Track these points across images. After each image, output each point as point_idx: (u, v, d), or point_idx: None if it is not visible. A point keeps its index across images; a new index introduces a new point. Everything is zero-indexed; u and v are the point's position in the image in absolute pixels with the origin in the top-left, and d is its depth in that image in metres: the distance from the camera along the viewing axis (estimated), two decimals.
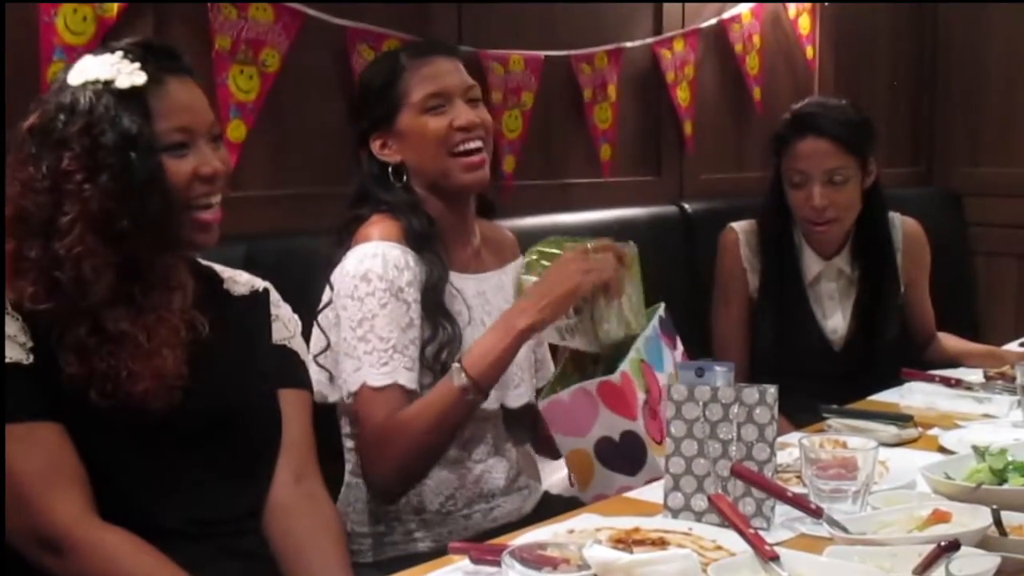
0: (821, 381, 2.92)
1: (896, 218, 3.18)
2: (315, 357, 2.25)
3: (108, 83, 1.77)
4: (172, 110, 1.81)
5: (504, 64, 3.24)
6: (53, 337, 1.73)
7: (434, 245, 2.29)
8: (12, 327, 1.73)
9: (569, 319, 2.22)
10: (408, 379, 2.17)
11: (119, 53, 1.80)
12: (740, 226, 3.14)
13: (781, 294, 3.07)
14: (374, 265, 2.19)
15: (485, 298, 2.37)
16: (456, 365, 2.13)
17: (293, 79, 2.82)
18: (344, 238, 2.30)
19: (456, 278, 2.32)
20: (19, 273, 1.73)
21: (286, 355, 2.04)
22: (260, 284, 2.05)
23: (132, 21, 2.48)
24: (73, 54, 2.35)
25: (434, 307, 2.25)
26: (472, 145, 2.32)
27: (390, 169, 2.34)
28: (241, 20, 2.68)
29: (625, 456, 2.15)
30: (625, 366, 2.14)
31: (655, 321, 2.27)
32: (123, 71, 1.78)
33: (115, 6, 2.43)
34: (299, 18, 2.78)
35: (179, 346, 1.80)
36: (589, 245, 2.23)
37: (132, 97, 1.78)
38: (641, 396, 2.15)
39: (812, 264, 3.08)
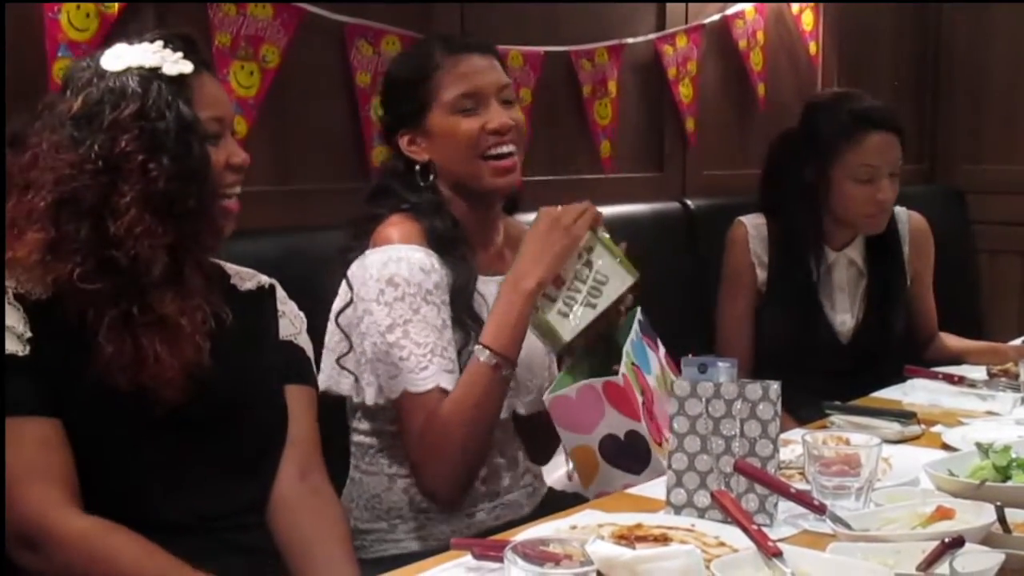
0: (827, 376, 2.93)
1: (902, 212, 3.18)
2: (338, 360, 2.24)
3: (154, 70, 1.80)
4: (209, 100, 1.86)
5: (504, 59, 3.22)
6: (76, 322, 1.74)
7: (459, 247, 2.25)
8: (12, 317, 1.73)
9: (569, 288, 2.18)
10: (449, 381, 2.14)
11: (159, 42, 1.83)
12: (749, 220, 3.14)
13: (792, 287, 3.06)
14: (400, 269, 2.15)
15: None
16: (477, 346, 2.13)
17: (293, 75, 2.81)
18: (360, 235, 2.25)
19: (479, 281, 2.27)
20: (59, 256, 1.73)
21: (292, 351, 2.04)
22: (266, 280, 2.05)
23: (134, 17, 2.48)
24: (77, 50, 2.37)
25: (463, 311, 2.22)
26: (504, 149, 2.27)
27: (417, 167, 2.29)
28: (240, 16, 2.68)
29: (630, 455, 2.14)
30: (623, 369, 2.13)
31: (636, 325, 2.26)
32: (168, 59, 1.81)
33: (116, 3, 2.43)
34: (298, 14, 2.77)
35: (208, 336, 1.81)
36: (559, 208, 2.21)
37: (180, 84, 1.81)
38: (639, 397, 2.15)
39: (824, 255, 3.09)
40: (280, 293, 2.06)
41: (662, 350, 2.34)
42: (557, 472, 2.57)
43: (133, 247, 1.73)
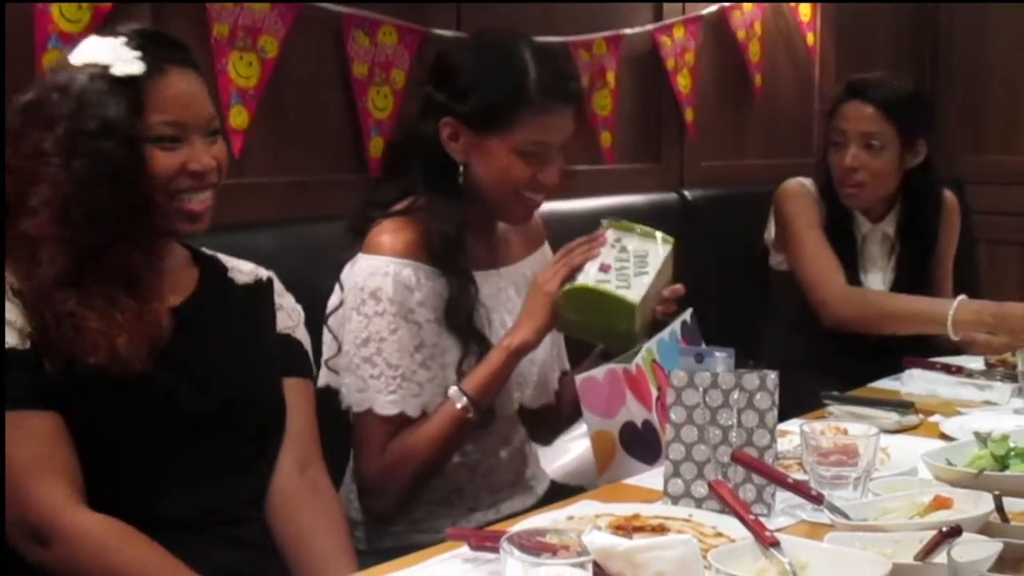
0: (855, 346, 3.04)
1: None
2: (326, 361, 2.23)
3: (105, 68, 1.76)
4: (167, 103, 1.80)
5: None
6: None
7: (456, 257, 2.20)
8: (11, 312, 1.73)
9: (617, 270, 2.19)
10: (414, 407, 2.16)
11: (122, 39, 1.79)
12: (805, 180, 3.23)
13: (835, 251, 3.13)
14: (384, 284, 2.13)
15: (506, 294, 2.32)
16: (455, 388, 2.15)
17: (290, 67, 2.80)
18: (358, 235, 2.22)
19: (479, 277, 2.26)
20: (8, 251, 1.74)
21: (290, 344, 2.03)
22: (264, 273, 2.04)
23: (128, 8, 2.46)
24: (69, 42, 2.34)
25: (462, 324, 2.20)
26: (539, 198, 2.26)
27: (460, 168, 2.22)
28: (238, 8, 2.66)
29: (645, 445, 2.14)
30: (639, 359, 2.13)
31: (676, 325, 2.25)
32: (121, 58, 1.77)
33: None
34: (296, 4, 2.76)
35: (138, 333, 1.76)
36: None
37: (125, 85, 1.77)
38: (654, 391, 2.14)
39: (860, 225, 3.18)
40: (278, 286, 2.05)
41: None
42: (559, 461, 2.57)
43: (30, 249, 1.73)
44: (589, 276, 2.17)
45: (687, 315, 2.30)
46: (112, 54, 1.77)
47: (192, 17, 2.60)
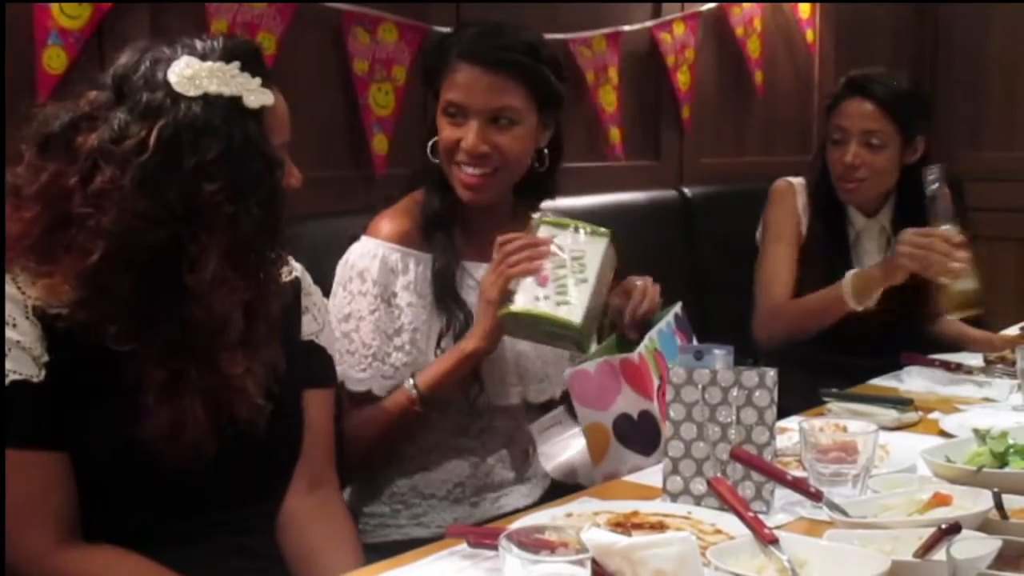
0: (852, 342, 3.00)
1: None
2: None
3: (235, 100, 1.63)
4: (279, 126, 1.72)
5: None
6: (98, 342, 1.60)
7: (449, 230, 2.25)
8: (29, 336, 1.61)
9: (555, 280, 2.13)
10: (382, 388, 2.20)
11: (235, 64, 1.65)
12: (796, 180, 3.24)
13: (825, 248, 3.15)
14: (371, 266, 2.19)
15: None
16: (410, 380, 2.18)
17: (290, 64, 2.80)
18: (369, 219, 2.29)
19: (473, 268, 2.28)
20: (90, 313, 1.58)
21: (314, 352, 1.93)
22: (292, 271, 1.91)
23: (129, 5, 2.46)
24: (68, 38, 2.36)
25: (444, 294, 2.23)
26: (470, 170, 2.21)
27: (429, 142, 2.27)
28: (236, 4, 2.66)
29: (641, 435, 2.15)
30: (641, 349, 2.14)
31: (670, 317, 2.26)
32: (247, 87, 1.65)
33: None
34: (294, 1, 2.76)
35: (266, 393, 1.70)
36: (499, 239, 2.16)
37: (260, 118, 1.66)
38: (656, 381, 2.15)
39: (855, 221, 3.17)
40: (305, 284, 1.94)
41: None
42: (559, 459, 2.57)
43: (209, 303, 1.59)
44: (528, 295, 2.09)
45: (678, 307, 2.31)
46: (236, 83, 1.64)
47: (191, 14, 2.60)
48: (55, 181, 1.60)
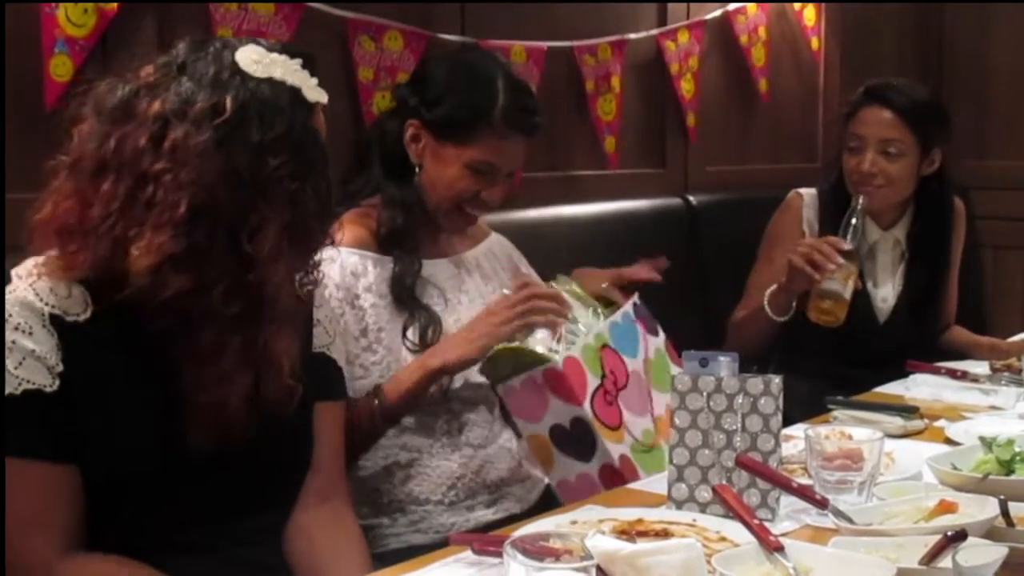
0: (857, 352, 3.02)
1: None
2: None
3: (296, 90, 1.69)
4: (322, 130, 1.77)
5: (506, 55, 3.22)
6: (114, 348, 1.62)
7: (406, 242, 2.32)
8: (44, 345, 1.60)
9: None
10: (353, 390, 2.17)
11: (298, 60, 1.72)
12: (807, 191, 3.21)
13: None
14: (331, 271, 2.19)
15: (460, 278, 2.41)
16: (379, 384, 2.21)
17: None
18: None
19: (429, 265, 2.36)
20: (182, 269, 1.57)
21: (325, 364, 1.91)
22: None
23: (134, 13, 2.47)
24: (74, 46, 2.36)
25: (405, 297, 2.29)
26: (478, 213, 2.39)
27: (416, 168, 2.34)
28: (242, 11, 2.67)
29: (577, 442, 2.18)
30: (575, 352, 2.16)
31: (627, 308, 2.30)
32: (307, 83, 1.71)
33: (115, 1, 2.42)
34: (299, 9, 2.76)
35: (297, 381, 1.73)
36: (505, 291, 2.28)
37: (314, 112, 1.73)
38: (594, 382, 2.16)
39: (869, 232, 3.13)
40: (316, 296, 1.92)
41: (662, 336, 2.35)
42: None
43: (266, 274, 1.61)
44: (543, 343, 2.18)
45: (635, 298, 2.37)
46: (298, 76, 1.70)
47: (196, 21, 2.60)
48: (124, 143, 1.61)
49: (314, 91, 1.71)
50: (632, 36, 3.64)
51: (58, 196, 1.64)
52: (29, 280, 1.63)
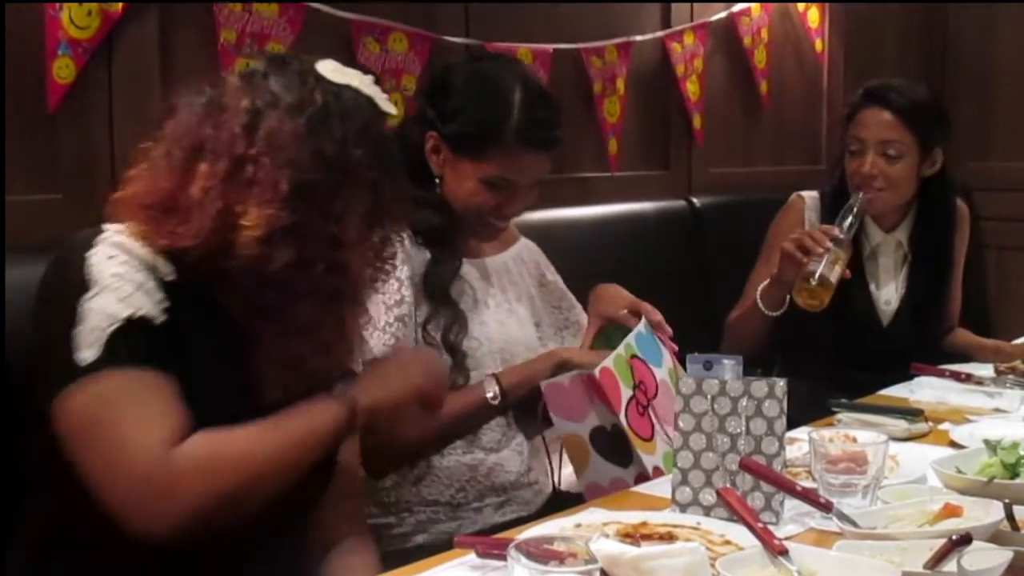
0: (862, 356, 3.00)
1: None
2: None
3: (371, 99, 1.77)
4: None
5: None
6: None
7: (444, 240, 2.32)
8: (150, 283, 1.64)
9: None
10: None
11: (371, 76, 1.81)
12: (808, 194, 3.20)
13: None
14: None
15: (488, 281, 2.40)
16: (492, 381, 2.27)
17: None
18: None
19: (464, 264, 2.36)
20: (285, 243, 1.64)
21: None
22: None
23: (138, 15, 2.47)
24: (77, 48, 2.36)
25: (436, 293, 2.28)
26: (501, 225, 2.38)
27: (436, 179, 2.34)
28: (246, 13, 2.67)
29: (616, 448, 2.16)
30: (609, 363, 2.15)
31: (642, 324, 2.28)
32: (379, 96, 1.79)
33: (120, 2, 2.42)
34: (303, 11, 2.77)
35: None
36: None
37: (385, 122, 1.82)
38: (627, 392, 2.15)
39: (872, 235, 3.13)
40: None
41: (674, 348, 2.35)
42: (568, 469, 2.57)
43: (347, 256, 1.70)
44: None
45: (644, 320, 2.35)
46: (372, 88, 1.78)
47: (200, 24, 2.61)
48: (219, 130, 1.69)
49: (386, 103, 1.80)
50: (638, 38, 3.64)
51: (149, 176, 1.71)
52: (121, 235, 1.68)
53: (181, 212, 1.66)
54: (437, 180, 2.33)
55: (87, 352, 1.58)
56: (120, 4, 2.42)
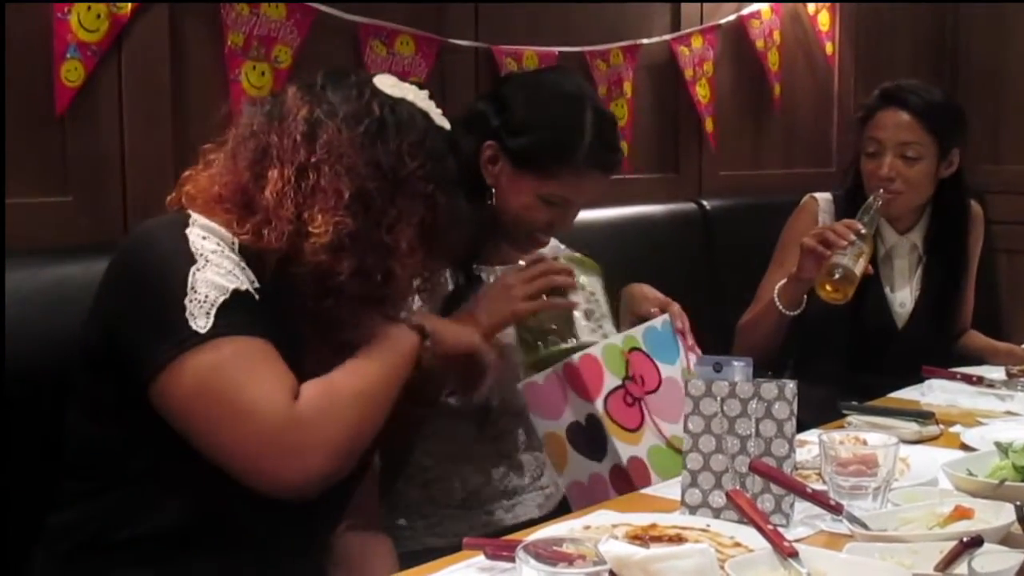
0: (873, 358, 3.00)
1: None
2: None
3: (426, 113, 1.83)
4: None
5: (518, 60, 3.22)
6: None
7: (469, 260, 2.32)
8: (241, 264, 1.70)
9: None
10: None
11: (425, 92, 1.87)
12: (822, 196, 3.19)
13: None
14: None
15: None
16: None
17: (307, 76, 2.79)
18: None
19: (485, 271, 2.34)
20: (347, 249, 1.70)
21: None
22: None
23: (146, 18, 2.47)
24: (86, 51, 2.36)
25: (452, 309, 2.24)
26: (546, 240, 2.38)
27: (491, 191, 2.31)
28: (253, 16, 2.67)
29: (590, 440, 2.15)
30: (595, 351, 2.14)
31: (665, 317, 2.27)
32: (433, 111, 1.85)
33: (128, 4, 2.42)
34: (311, 14, 2.76)
35: None
36: (522, 263, 2.24)
37: (443, 138, 1.85)
38: (613, 381, 2.14)
39: (887, 237, 3.11)
40: None
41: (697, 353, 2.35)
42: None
43: (396, 265, 1.74)
44: (586, 333, 2.24)
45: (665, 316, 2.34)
46: (428, 103, 1.85)
47: (207, 27, 2.61)
48: (282, 136, 1.75)
49: (440, 118, 1.86)
50: (645, 41, 3.64)
51: (217, 174, 1.77)
52: (207, 219, 1.72)
53: (260, 212, 1.71)
54: (492, 191, 2.30)
55: (201, 321, 1.62)
56: (128, 6, 2.42)
